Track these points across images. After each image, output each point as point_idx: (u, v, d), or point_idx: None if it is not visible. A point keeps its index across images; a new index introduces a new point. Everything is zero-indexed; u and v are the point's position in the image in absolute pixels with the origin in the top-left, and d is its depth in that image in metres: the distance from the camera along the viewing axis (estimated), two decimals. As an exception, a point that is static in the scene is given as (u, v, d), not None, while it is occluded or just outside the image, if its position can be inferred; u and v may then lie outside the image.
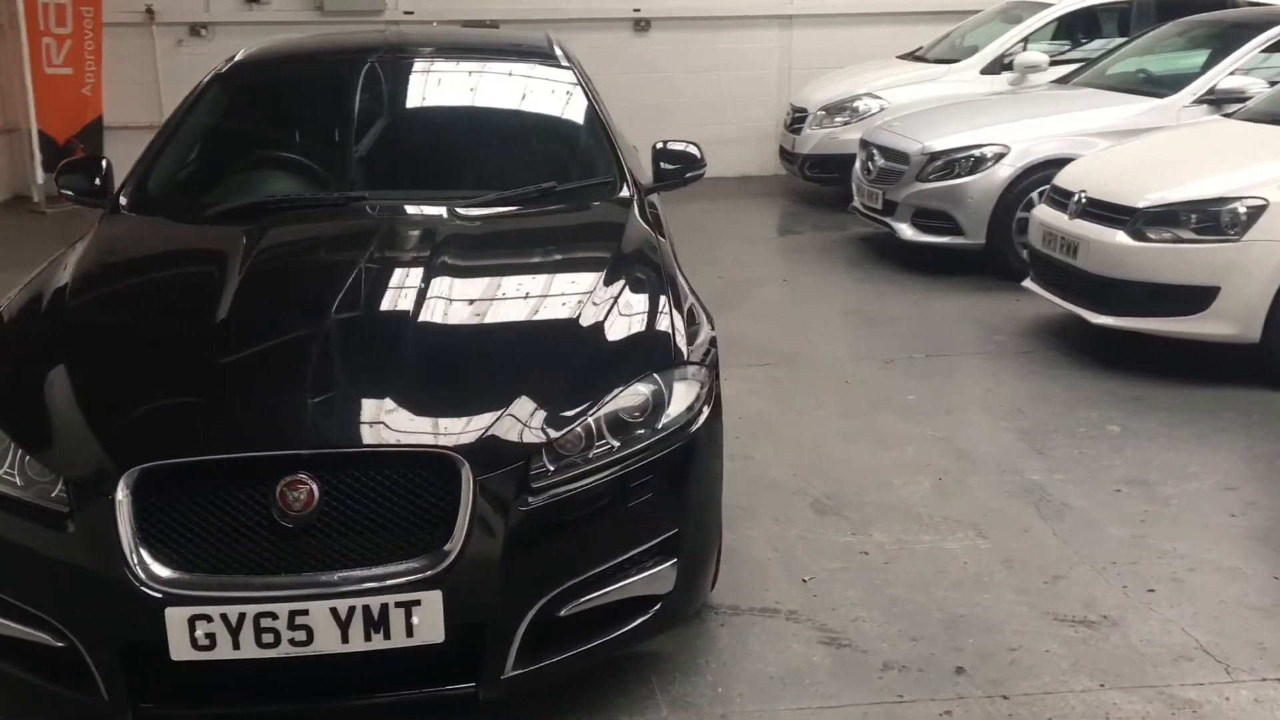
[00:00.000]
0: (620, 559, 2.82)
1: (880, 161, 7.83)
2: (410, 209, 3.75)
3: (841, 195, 9.00)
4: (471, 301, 3.18)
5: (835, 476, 4.42)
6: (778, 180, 10.99)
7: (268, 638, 2.54)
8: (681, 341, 3.10)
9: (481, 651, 2.66)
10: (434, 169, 4.04)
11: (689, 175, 4.25)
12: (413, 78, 4.43)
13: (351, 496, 2.60)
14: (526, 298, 3.28)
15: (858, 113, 9.44)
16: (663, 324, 3.13)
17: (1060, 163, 6.53)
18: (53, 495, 2.62)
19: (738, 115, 11.32)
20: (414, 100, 4.39)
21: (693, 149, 4.29)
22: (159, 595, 2.52)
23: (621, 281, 3.28)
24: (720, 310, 6.69)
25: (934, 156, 7.38)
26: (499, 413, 2.73)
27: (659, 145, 4.29)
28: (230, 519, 2.57)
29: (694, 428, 2.96)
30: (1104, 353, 5.69)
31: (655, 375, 2.95)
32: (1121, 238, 5.40)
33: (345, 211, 3.77)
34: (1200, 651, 3.22)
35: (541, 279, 3.40)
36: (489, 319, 3.15)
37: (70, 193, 4.02)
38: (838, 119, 9.56)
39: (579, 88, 4.40)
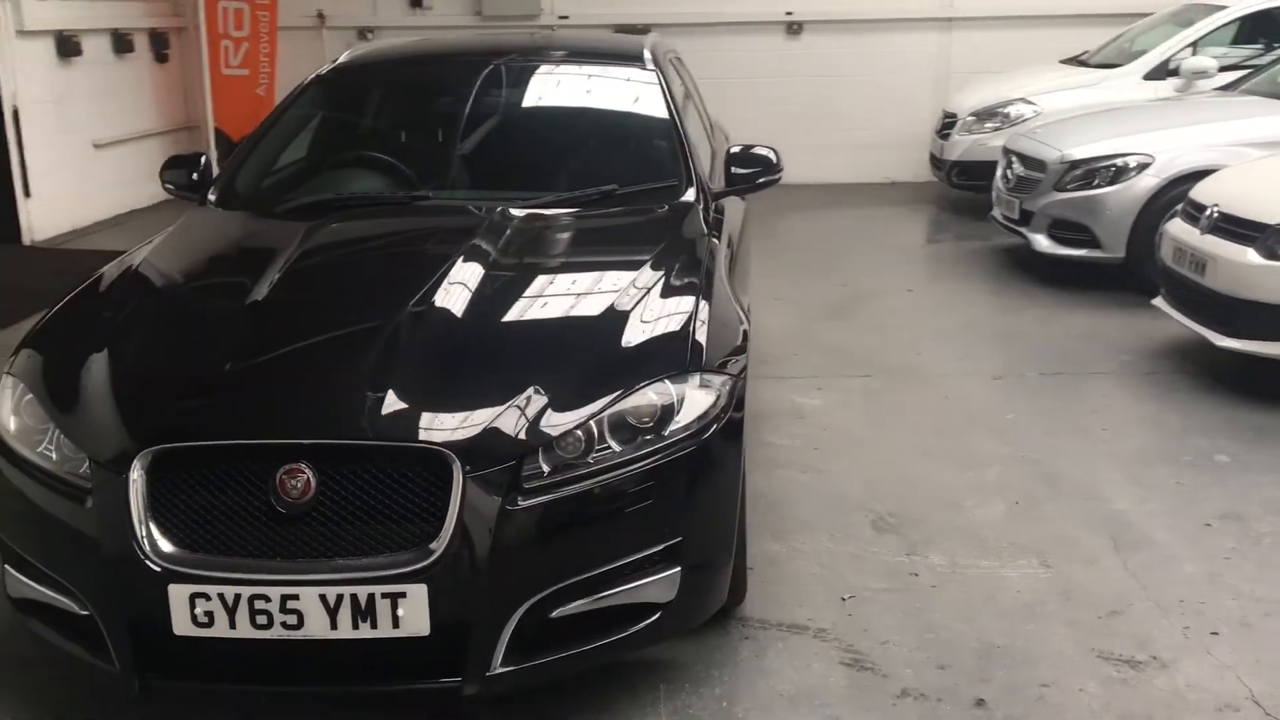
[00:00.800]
0: (616, 565, 2.80)
1: (1019, 169, 7.54)
2: (461, 209, 3.81)
3: (988, 204, 8.69)
4: (492, 298, 3.20)
5: (905, 495, 4.28)
6: (928, 187, 10.68)
7: (261, 619, 2.63)
8: (704, 347, 3.05)
9: (466, 647, 2.69)
10: (502, 171, 4.12)
11: (762, 181, 4.17)
12: (496, 82, 4.49)
13: (346, 487, 2.66)
14: (551, 297, 3.29)
15: (1009, 118, 9.10)
16: (686, 328, 3.09)
17: (1210, 174, 6.14)
18: (80, 471, 2.78)
19: (890, 120, 11.07)
20: (492, 104, 4.45)
21: (769, 153, 4.21)
22: (163, 572, 2.63)
23: (654, 284, 3.27)
24: (832, 319, 6.63)
25: (1073, 165, 7.05)
26: (498, 411, 2.76)
27: (733, 149, 4.24)
28: (232, 503, 2.67)
29: (705, 436, 2.91)
30: (1236, 378, 5.34)
31: (668, 380, 2.93)
32: (1252, 256, 5.05)
33: (403, 210, 3.88)
34: (1250, 702, 2.99)
35: (573, 279, 3.41)
36: (507, 317, 3.16)
37: (171, 186, 4.26)
38: (988, 125, 9.25)
39: (659, 91, 4.37)
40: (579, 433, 2.79)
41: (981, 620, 3.41)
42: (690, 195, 3.98)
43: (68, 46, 9.21)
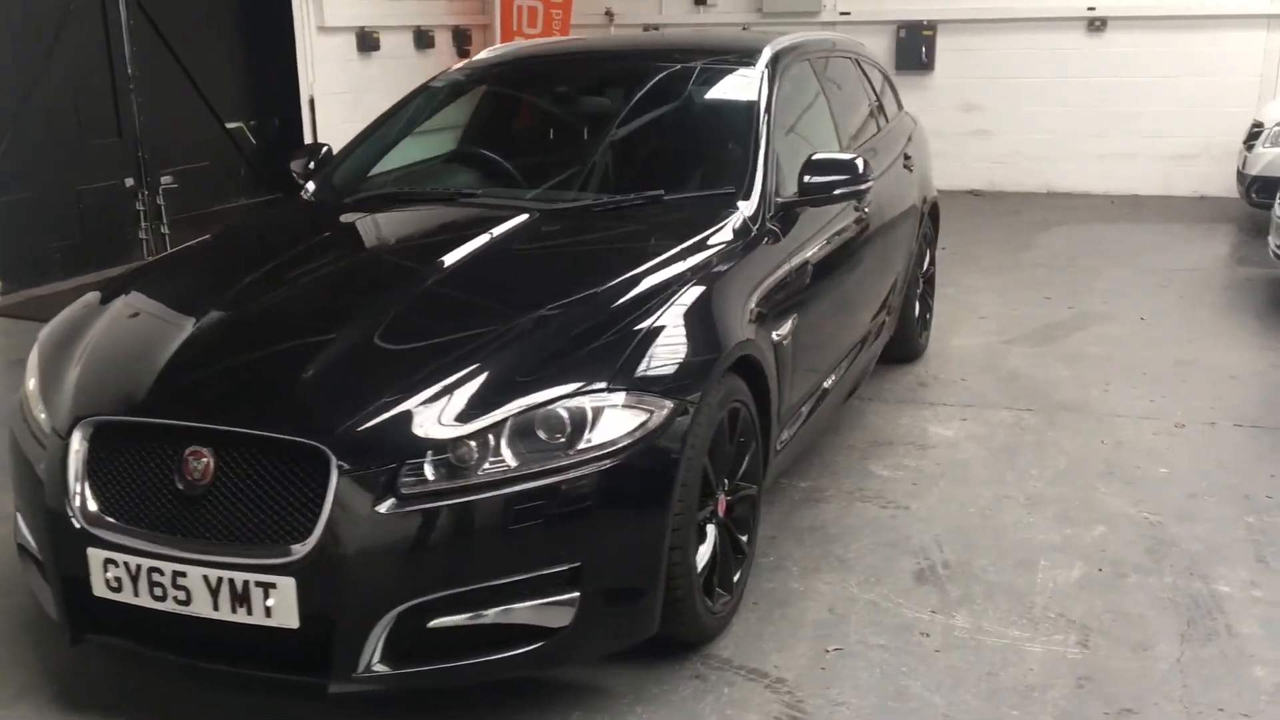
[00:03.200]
0: (501, 583, 2.72)
1: (1293, 190, 6.55)
2: (496, 208, 3.80)
3: (1284, 226, 7.62)
4: (452, 297, 3.18)
5: (977, 546, 3.85)
6: (1236, 204, 9.48)
7: (158, 591, 2.77)
8: (643, 363, 2.89)
9: (332, 646, 2.69)
10: (560, 173, 4.06)
11: (839, 192, 3.86)
12: (593, 85, 4.44)
13: (240, 475, 2.74)
14: (515, 300, 3.18)
15: (1323, 131, 7.94)
16: (628, 340, 2.94)
17: None
18: (48, 432, 3.03)
19: (1201, 128, 9.96)
20: (582, 107, 4.39)
21: (857, 161, 3.89)
22: (85, 535, 2.83)
23: (624, 292, 3.14)
24: (1030, 344, 6.08)
25: (1350, 187, 6.05)
26: (393, 412, 2.74)
27: (814, 156, 3.94)
28: (148, 479, 2.82)
29: (620, 459, 2.76)
30: None
31: (585, 394, 2.80)
32: None
33: (446, 206, 3.92)
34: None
35: (547, 282, 3.28)
36: (457, 316, 3.11)
37: (296, 174, 4.53)
38: (1298, 137, 8.11)
39: (754, 95, 4.12)
40: (472, 442, 2.72)
41: (963, 696, 3.02)
42: (747, 205, 3.75)
43: (367, 42, 10.01)
